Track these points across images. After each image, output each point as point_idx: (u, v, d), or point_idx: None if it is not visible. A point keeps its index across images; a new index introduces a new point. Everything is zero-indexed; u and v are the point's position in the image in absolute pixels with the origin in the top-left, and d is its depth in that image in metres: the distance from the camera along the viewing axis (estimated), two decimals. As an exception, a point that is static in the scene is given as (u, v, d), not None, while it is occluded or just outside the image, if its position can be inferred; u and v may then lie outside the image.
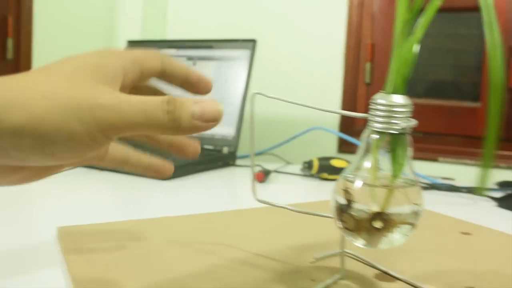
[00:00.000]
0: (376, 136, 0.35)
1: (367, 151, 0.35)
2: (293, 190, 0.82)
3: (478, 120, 1.21)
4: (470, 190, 0.79)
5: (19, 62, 1.23)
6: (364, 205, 0.34)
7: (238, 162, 1.06)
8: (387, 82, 0.35)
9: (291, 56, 1.36)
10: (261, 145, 1.26)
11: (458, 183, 0.92)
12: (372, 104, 0.35)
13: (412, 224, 0.35)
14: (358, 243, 0.35)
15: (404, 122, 0.35)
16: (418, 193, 0.35)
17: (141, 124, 0.27)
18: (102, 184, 0.78)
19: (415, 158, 1.21)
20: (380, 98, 0.35)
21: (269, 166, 0.95)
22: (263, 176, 0.82)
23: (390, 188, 0.35)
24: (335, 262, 0.41)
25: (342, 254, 0.39)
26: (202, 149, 1.05)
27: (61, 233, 0.48)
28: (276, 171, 0.94)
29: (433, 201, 0.74)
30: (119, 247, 0.44)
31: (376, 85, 1.26)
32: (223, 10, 1.42)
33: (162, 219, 0.54)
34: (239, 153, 1.15)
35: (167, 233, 0.49)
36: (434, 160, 1.23)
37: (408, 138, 0.36)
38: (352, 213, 0.34)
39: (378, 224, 0.34)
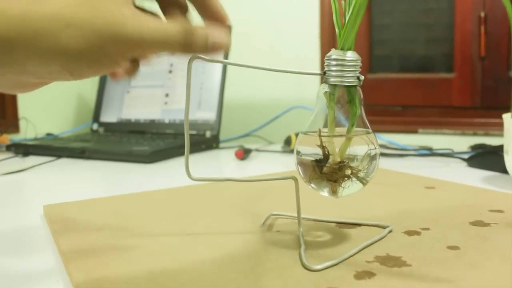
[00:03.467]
0: (331, 90, 0.37)
1: (322, 106, 0.38)
2: (272, 165, 0.85)
3: (453, 90, 1.24)
4: (443, 154, 0.82)
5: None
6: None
7: (222, 145, 1.09)
8: (339, 39, 0.38)
9: (266, 41, 1.38)
10: (244, 127, 1.29)
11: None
12: (327, 61, 0.38)
13: (372, 168, 0.37)
14: (324, 193, 0.38)
15: (356, 75, 0.37)
16: (373, 139, 0.38)
17: (158, 49, 0.29)
18: (88, 171, 0.80)
19: (396, 131, 1.24)
20: (334, 54, 0.37)
21: (251, 146, 0.98)
22: (243, 153, 0.85)
23: (350, 137, 0.37)
24: (286, 227, 0.44)
25: (299, 218, 0.41)
26: (183, 134, 1.08)
27: (47, 211, 0.50)
28: (257, 150, 0.97)
29: (405, 166, 0.77)
30: (103, 220, 0.46)
31: (352, 62, 1.29)
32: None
33: (142, 194, 0.57)
34: (223, 137, 1.17)
35: (147, 206, 0.52)
36: (415, 132, 1.26)
37: (359, 90, 0.38)
38: (325, 166, 0.36)
39: (348, 171, 0.37)
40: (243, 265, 0.33)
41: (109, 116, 1.22)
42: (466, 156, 0.79)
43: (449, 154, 0.82)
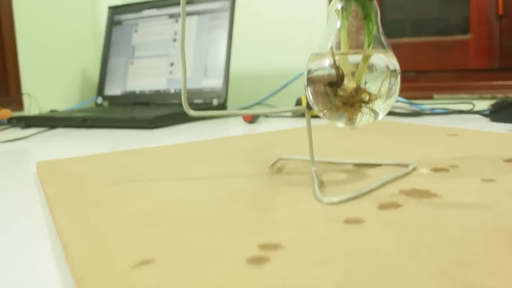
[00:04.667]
0: (343, 4, 0.33)
1: (334, 25, 0.34)
2: (281, 127, 0.80)
3: (470, 53, 1.18)
4: (462, 111, 0.78)
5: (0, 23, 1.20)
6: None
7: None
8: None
9: (275, 8, 1.33)
10: (253, 98, 1.24)
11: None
12: (338, -26, 0.33)
13: (393, 92, 0.33)
14: (340, 123, 0.34)
15: (373, -11, 0.33)
16: (393, 57, 0.34)
17: None
18: (90, 139, 0.76)
19: (411, 97, 1.18)
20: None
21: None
22: (251, 117, 0.81)
23: (366, 55, 0.33)
24: (297, 170, 0.40)
25: (311, 153, 0.37)
26: (191, 104, 1.04)
27: (40, 167, 0.46)
28: (266, 116, 0.93)
29: (425, 124, 0.73)
30: (98, 171, 0.43)
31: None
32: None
33: (143, 149, 0.53)
34: (231, 107, 1.13)
35: (147, 158, 0.48)
36: (430, 98, 1.21)
37: (376, 5, 0.34)
38: (339, 91, 0.32)
39: (365, 96, 0.32)
40: (248, 201, 0.30)
41: (113, 89, 1.18)
42: (487, 113, 0.74)
43: (469, 111, 0.77)
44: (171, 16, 1.14)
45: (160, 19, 1.15)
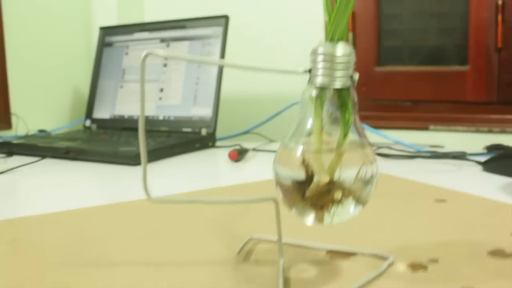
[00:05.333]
0: (317, 93, 0.30)
1: (308, 111, 0.31)
2: (269, 167, 0.77)
3: (467, 85, 1.16)
4: (455, 156, 0.75)
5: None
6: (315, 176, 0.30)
7: (219, 143, 1.02)
8: (328, 28, 0.31)
9: (270, 31, 1.31)
10: (244, 123, 1.22)
11: (446, 150, 0.88)
12: (312, 56, 0.31)
13: (369, 190, 0.31)
14: (308, 221, 0.31)
15: (349, 74, 0.30)
16: (370, 153, 0.31)
17: None
18: (69, 174, 0.74)
19: (406, 128, 1.16)
20: (320, 47, 0.30)
21: (249, 145, 0.91)
22: (236, 155, 0.78)
23: (340, 153, 0.30)
24: (266, 255, 0.37)
25: (279, 242, 0.33)
26: (178, 132, 1.01)
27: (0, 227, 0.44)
28: (254, 149, 0.90)
29: (415, 169, 0.70)
30: (60, 240, 0.40)
31: (359, 54, 1.21)
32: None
33: (113, 207, 0.50)
34: (220, 134, 1.10)
35: (115, 222, 0.45)
36: (425, 129, 1.18)
37: (353, 93, 0.31)
38: (308, 187, 0.30)
39: (338, 195, 0.30)
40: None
41: (102, 112, 1.16)
42: (481, 159, 0.71)
43: (463, 156, 0.74)
44: (162, 40, 1.11)
45: (151, 43, 1.13)
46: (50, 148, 0.87)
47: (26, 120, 1.23)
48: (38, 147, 0.89)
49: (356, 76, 0.30)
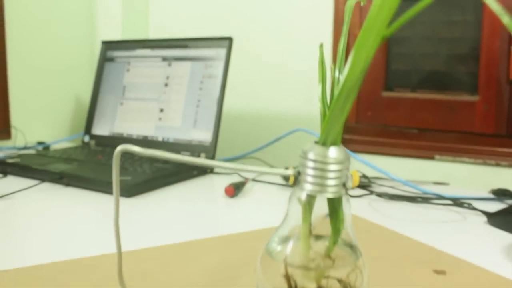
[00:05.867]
0: (306, 198, 0.28)
1: (295, 211, 0.29)
2: (267, 204, 0.75)
3: (476, 115, 1.12)
4: (459, 204, 0.72)
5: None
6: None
7: (217, 169, 1.00)
8: (321, 129, 0.28)
9: (276, 51, 1.28)
10: (244, 145, 1.20)
11: (451, 188, 0.85)
12: (302, 159, 0.28)
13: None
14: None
15: (342, 182, 0.28)
16: (362, 266, 0.28)
17: None
18: (61, 205, 0.71)
19: (411, 156, 1.13)
20: (311, 151, 0.28)
21: (247, 173, 0.89)
22: (233, 191, 0.76)
23: (328, 263, 0.28)
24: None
25: None
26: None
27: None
28: (254, 180, 0.88)
29: (415, 216, 0.67)
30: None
31: (366, 78, 1.18)
32: (207, 9, 1.34)
33: (96, 259, 0.48)
34: (220, 157, 1.08)
35: (94, 281, 0.43)
36: (431, 158, 1.15)
37: (347, 199, 0.29)
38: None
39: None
40: None
41: (101, 128, 1.14)
42: (486, 205, 0.69)
43: (468, 206, 0.71)
44: (164, 58, 1.09)
45: (153, 61, 1.10)
46: (44, 172, 0.85)
47: (25, 132, 1.22)
48: (33, 170, 0.87)
49: (350, 183, 0.28)
